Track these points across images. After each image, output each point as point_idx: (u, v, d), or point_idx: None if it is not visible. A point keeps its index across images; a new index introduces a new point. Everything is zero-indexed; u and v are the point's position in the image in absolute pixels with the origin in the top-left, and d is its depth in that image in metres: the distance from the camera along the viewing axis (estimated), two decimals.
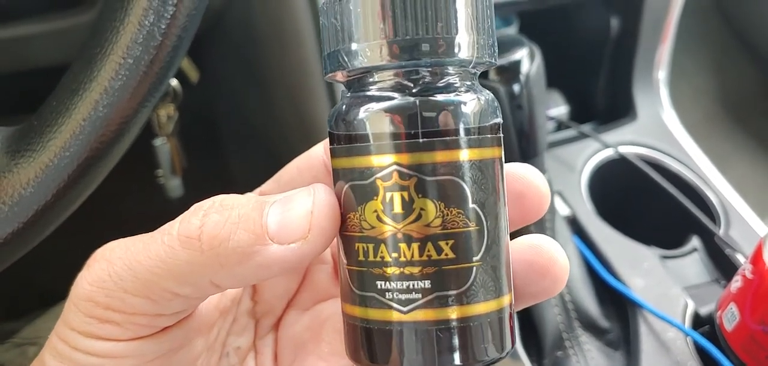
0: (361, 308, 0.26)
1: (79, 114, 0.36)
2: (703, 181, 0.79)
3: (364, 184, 0.25)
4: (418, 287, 0.24)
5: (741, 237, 0.73)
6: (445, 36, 0.24)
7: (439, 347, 0.25)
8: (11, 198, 0.36)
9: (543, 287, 0.28)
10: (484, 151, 0.25)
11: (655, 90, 0.88)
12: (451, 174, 0.24)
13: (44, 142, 0.36)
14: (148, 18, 0.36)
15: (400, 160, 0.24)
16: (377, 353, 0.25)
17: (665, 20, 0.85)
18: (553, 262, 0.28)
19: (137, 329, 0.27)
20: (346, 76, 0.26)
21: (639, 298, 0.64)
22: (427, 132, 0.24)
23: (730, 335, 0.59)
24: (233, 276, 0.25)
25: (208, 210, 0.26)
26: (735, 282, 0.59)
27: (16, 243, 0.37)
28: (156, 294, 0.26)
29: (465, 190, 0.24)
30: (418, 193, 0.24)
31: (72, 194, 0.38)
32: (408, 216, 0.24)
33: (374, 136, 0.24)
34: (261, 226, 0.25)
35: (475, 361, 0.25)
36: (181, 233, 0.25)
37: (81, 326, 0.27)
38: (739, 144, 1.27)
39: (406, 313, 0.24)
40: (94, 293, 0.26)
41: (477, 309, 0.25)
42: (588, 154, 0.80)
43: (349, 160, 0.25)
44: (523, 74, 0.59)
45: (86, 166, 0.37)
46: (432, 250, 0.24)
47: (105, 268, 0.27)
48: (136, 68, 0.36)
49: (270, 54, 0.75)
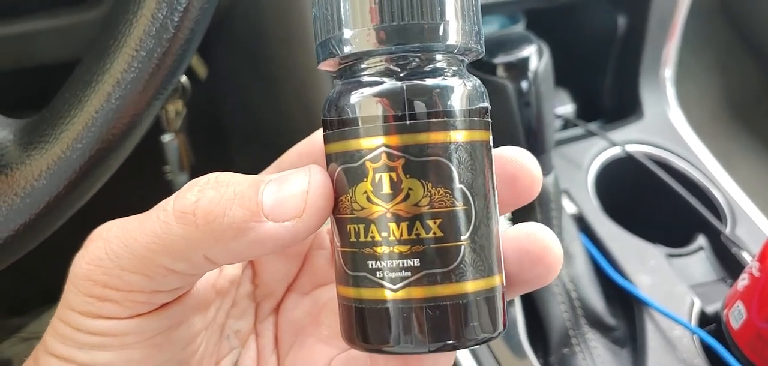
0: (354, 289, 0.26)
1: (92, 106, 0.37)
2: (709, 180, 0.79)
3: (355, 167, 0.26)
4: (408, 265, 0.25)
5: (748, 235, 0.73)
6: (430, 22, 0.25)
7: (430, 324, 0.25)
8: (24, 189, 0.36)
9: (536, 274, 0.28)
10: (471, 134, 0.26)
11: (662, 89, 0.88)
12: (438, 155, 0.25)
13: (57, 134, 0.37)
14: (161, 10, 0.36)
15: (388, 141, 0.25)
16: (370, 332, 0.26)
17: (672, 19, 0.85)
18: (547, 250, 0.28)
19: (136, 306, 0.27)
20: (337, 64, 0.27)
21: (645, 296, 0.64)
22: (413, 114, 0.25)
23: (736, 333, 0.59)
24: (228, 251, 0.26)
25: (204, 186, 0.26)
26: (742, 280, 0.59)
27: (28, 234, 0.37)
28: (152, 270, 0.26)
29: (452, 171, 0.25)
30: (406, 173, 0.25)
31: (84, 186, 0.38)
32: (396, 196, 0.25)
33: (363, 119, 0.25)
34: (256, 203, 0.25)
35: (467, 340, 0.26)
36: (176, 208, 0.26)
37: (81, 306, 0.27)
38: (745, 143, 1.27)
39: (397, 291, 0.25)
40: (92, 272, 0.27)
41: (466, 287, 0.25)
42: (595, 153, 0.80)
43: (340, 144, 0.26)
44: (532, 71, 0.59)
45: (98, 158, 0.37)
46: (420, 228, 0.25)
47: (102, 246, 0.27)
48: (148, 61, 0.36)
49: (277, 51, 0.75)
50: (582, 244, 0.68)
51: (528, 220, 0.64)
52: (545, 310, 0.63)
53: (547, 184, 0.64)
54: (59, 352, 0.28)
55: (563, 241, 0.65)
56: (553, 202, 0.64)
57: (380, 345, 0.26)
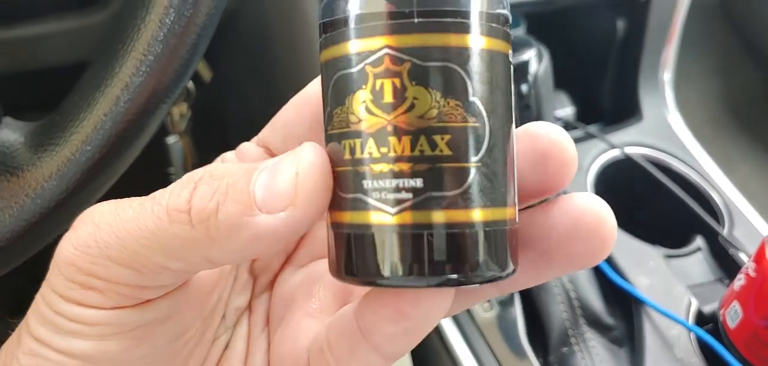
0: (347, 212, 0.23)
1: (101, 109, 0.37)
2: (707, 182, 0.80)
3: (352, 73, 0.22)
4: (409, 186, 0.22)
5: (744, 236, 0.73)
6: None
7: (430, 255, 0.22)
8: (34, 190, 0.37)
9: (589, 249, 0.25)
10: (489, 41, 0.22)
11: (661, 91, 0.89)
12: (450, 60, 0.22)
13: (66, 137, 0.37)
14: (169, 16, 0.37)
15: (392, 42, 0.22)
16: (362, 263, 0.23)
17: (671, 22, 0.86)
18: (602, 222, 0.25)
19: (120, 299, 0.25)
20: None
21: (644, 296, 0.65)
22: (423, 11, 0.22)
23: (733, 332, 0.60)
24: (226, 251, 0.23)
25: (197, 181, 0.24)
26: (738, 280, 0.60)
27: (37, 234, 0.38)
28: (143, 266, 0.24)
29: (465, 80, 0.22)
30: (411, 79, 0.22)
31: (92, 187, 0.39)
32: (399, 105, 0.22)
33: (364, 16, 0.22)
34: (248, 195, 0.23)
35: (472, 276, 0.22)
36: (169, 206, 0.24)
37: (63, 290, 0.26)
38: (744, 145, 1.27)
39: (395, 215, 0.22)
40: (78, 258, 0.25)
41: (475, 215, 0.22)
42: (594, 155, 0.81)
43: (337, 48, 0.23)
44: (531, 74, 0.60)
45: (106, 160, 0.38)
46: (425, 144, 0.22)
47: (91, 232, 0.25)
48: (156, 65, 0.37)
49: (281, 54, 0.76)
50: None
51: None
52: (544, 310, 0.64)
53: None
54: (38, 334, 0.26)
55: None
56: None
57: (373, 277, 0.23)
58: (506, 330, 0.65)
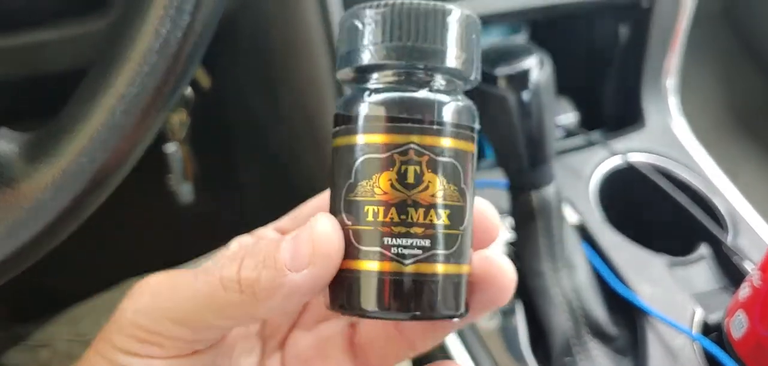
0: (363, 261, 0.30)
1: (96, 120, 0.37)
2: (711, 189, 0.80)
3: (381, 157, 0.30)
4: (419, 245, 0.29)
5: (749, 245, 0.73)
6: (447, 50, 0.30)
7: (430, 297, 0.30)
8: (29, 202, 0.37)
9: (491, 295, 0.32)
10: (470, 145, 0.31)
11: (664, 98, 0.89)
12: (452, 157, 0.30)
13: (61, 148, 0.37)
14: (164, 26, 0.36)
15: (416, 140, 0.29)
16: (372, 300, 0.30)
17: (674, 29, 0.86)
18: (501, 272, 0.32)
19: (176, 350, 0.31)
20: (358, 73, 0.31)
21: (647, 305, 0.64)
22: (441, 122, 0.30)
23: (737, 343, 0.59)
24: (268, 308, 0.29)
25: (243, 257, 0.30)
26: (743, 289, 0.60)
27: (33, 247, 0.38)
28: (198, 325, 0.30)
29: (460, 172, 0.30)
30: (428, 168, 0.29)
31: (88, 199, 0.38)
32: (418, 186, 0.29)
33: (398, 119, 0.29)
34: (280, 261, 0.29)
35: (447, 313, 0.30)
36: (223, 277, 0.29)
37: (123, 344, 0.31)
38: (748, 152, 1.27)
39: (408, 266, 0.29)
40: (140, 319, 0.30)
41: (459, 268, 0.30)
42: (596, 162, 0.81)
43: (366, 137, 0.30)
44: (533, 82, 0.60)
45: (103, 171, 0.38)
46: (433, 215, 0.29)
47: (152, 300, 0.31)
48: (152, 76, 0.37)
49: (281, 62, 0.76)
50: (584, 254, 0.68)
51: (530, 230, 0.64)
52: (547, 320, 0.64)
53: (549, 194, 0.64)
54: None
55: (565, 251, 0.65)
56: (554, 211, 0.64)
57: (377, 310, 0.30)
58: (508, 340, 0.64)
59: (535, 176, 0.63)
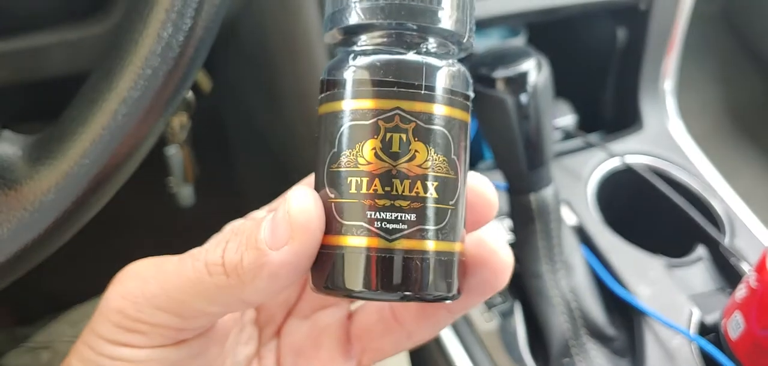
0: (345, 236, 0.28)
1: (98, 123, 0.37)
2: (709, 191, 0.80)
3: (365, 124, 0.28)
4: (405, 219, 0.27)
5: (746, 246, 0.73)
6: (439, 8, 0.28)
7: (415, 275, 0.28)
8: (32, 204, 0.37)
9: (484, 278, 0.30)
10: (464, 114, 0.29)
11: (662, 100, 0.89)
12: (442, 125, 0.28)
13: (64, 150, 0.38)
14: (166, 30, 0.37)
15: (402, 105, 0.27)
16: (357, 278, 0.28)
17: (671, 31, 0.86)
18: (493, 253, 0.30)
19: (161, 339, 0.30)
20: (345, 34, 0.29)
21: (645, 307, 0.65)
22: (430, 86, 0.28)
23: (734, 343, 0.59)
24: (255, 290, 0.28)
25: (227, 240, 0.29)
26: (740, 291, 0.60)
27: (37, 249, 0.38)
28: (186, 311, 0.29)
29: (450, 142, 0.28)
30: (414, 136, 0.28)
31: (91, 201, 0.39)
32: (404, 155, 0.28)
33: (382, 82, 0.28)
34: (260, 241, 0.27)
35: (434, 294, 0.28)
36: (208, 261, 0.28)
37: (108, 334, 0.30)
38: (746, 154, 1.27)
39: (391, 242, 0.27)
40: (126, 306, 0.29)
41: (447, 246, 0.28)
42: (595, 164, 0.81)
43: (350, 102, 0.28)
44: (531, 85, 0.60)
45: (105, 173, 0.38)
46: (420, 188, 0.28)
47: (138, 285, 0.29)
48: (154, 79, 0.37)
49: (281, 64, 0.76)
50: (582, 255, 0.68)
51: (528, 231, 0.65)
52: (545, 321, 0.64)
53: (547, 196, 0.64)
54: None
55: (563, 252, 0.66)
56: (552, 213, 0.65)
57: (363, 290, 0.28)
58: (507, 341, 0.65)
59: (534, 178, 0.63)
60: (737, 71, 1.38)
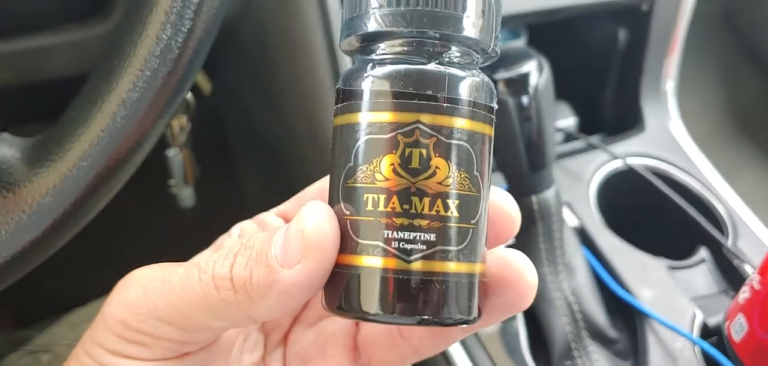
0: (360, 256, 0.27)
1: (98, 125, 0.37)
2: (711, 193, 0.80)
3: (384, 138, 0.26)
4: (424, 239, 0.26)
5: (749, 248, 0.73)
6: (462, 14, 0.27)
7: (436, 298, 0.26)
8: (30, 207, 0.37)
9: (509, 300, 0.29)
10: (487, 127, 0.28)
11: (663, 101, 0.89)
12: (464, 140, 0.27)
13: (63, 152, 0.37)
14: (165, 32, 0.36)
15: (423, 119, 0.26)
16: (373, 300, 0.27)
17: (673, 31, 0.86)
18: (520, 275, 0.29)
19: (164, 352, 0.29)
20: (363, 42, 0.28)
21: (647, 309, 0.64)
22: (452, 98, 0.26)
23: (738, 346, 0.59)
24: (264, 308, 0.27)
25: (235, 253, 0.28)
26: (743, 293, 0.60)
27: (35, 251, 0.38)
28: (191, 325, 0.28)
29: (473, 157, 0.27)
30: (435, 152, 0.26)
31: (90, 203, 0.39)
32: (424, 172, 0.26)
33: (402, 94, 0.26)
34: (272, 258, 0.26)
35: (453, 318, 0.27)
36: (216, 275, 0.27)
37: (109, 344, 0.29)
38: (748, 155, 1.27)
39: (410, 263, 0.26)
40: (127, 316, 0.28)
41: (469, 267, 0.27)
42: (596, 166, 0.81)
43: (367, 115, 0.27)
44: (532, 87, 0.60)
45: (104, 175, 0.38)
46: (440, 206, 0.26)
47: (140, 295, 0.28)
48: (153, 80, 0.37)
49: (281, 65, 0.76)
50: (584, 257, 0.68)
51: (530, 233, 0.64)
52: (547, 323, 0.64)
53: (549, 198, 0.64)
54: None
55: (565, 254, 0.65)
56: (554, 215, 0.64)
57: (380, 313, 0.27)
58: (509, 343, 0.64)
59: (535, 180, 0.63)
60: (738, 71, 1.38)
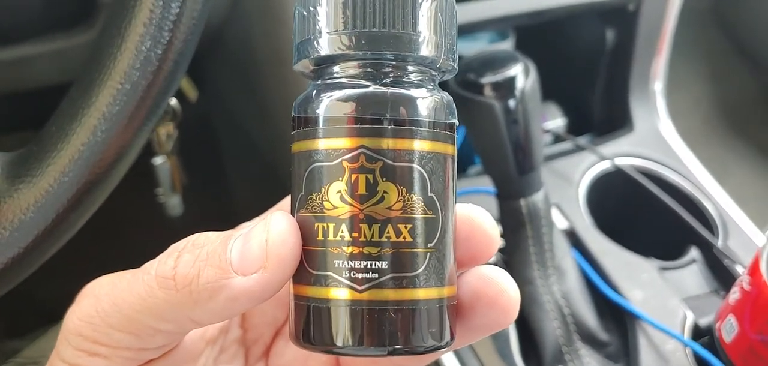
0: (314, 288, 0.26)
1: (78, 139, 0.37)
2: (701, 192, 0.80)
3: (329, 165, 0.26)
4: (375, 267, 0.25)
5: (740, 247, 0.73)
6: (412, 34, 0.26)
7: (390, 327, 0.26)
8: (11, 223, 0.37)
9: (492, 319, 0.28)
10: (444, 146, 0.27)
11: (652, 101, 0.89)
12: (413, 162, 0.26)
13: (44, 168, 0.37)
14: (145, 43, 0.36)
15: (367, 143, 0.25)
16: (328, 332, 0.26)
17: (660, 31, 0.86)
18: (501, 293, 0.28)
19: (123, 362, 0.28)
20: (313, 66, 0.27)
21: (638, 310, 0.64)
22: (396, 120, 0.26)
23: (729, 347, 0.59)
24: (208, 311, 0.26)
25: (181, 251, 0.27)
26: (733, 294, 0.60)
27: (17, 268, 0.38)
28: (139, 330, 0.27)
29: (425, 179, 0.26)
30: (382, 176, 0.25)
31: (72, 218, 0.38)
32: (371, 197, 0.25)
33: (344, 119, 0.26)
34: (225, 261, 0.25)
35: (421, 346, 0.26)
36: (157, 274, 0.26)
37: (71, 359, 0.28)
38: (738, 152, 1.27)
39: (362, 292, 0.25)
40: (83, 328, 0.28)
41: (429, 293, 0.26)
42: (585, 167, 0.81)
43: (315, 142, 0.26)
44: (519, 90, 0.60)
45: (85, 190, 0.38)
46: (391, 232, 0.25)
47: (93, 303, 0.28)
48: (133, 93, 0.36)
49: (268, 70, 0.76)
50: (573, 260, 0.68)
51: (519, 237, 0.64)
52: (538, 327, 0.63)
53: (538, 200, 0.64)
54: None
55: (555, 257, 0.65)
56: (543, 218, 0.64)
57: (338, 345, 0.26)
58: (499, 347, 0.64)
59: (524, 183, 0.63)
60: (727, 69, 1.38)
